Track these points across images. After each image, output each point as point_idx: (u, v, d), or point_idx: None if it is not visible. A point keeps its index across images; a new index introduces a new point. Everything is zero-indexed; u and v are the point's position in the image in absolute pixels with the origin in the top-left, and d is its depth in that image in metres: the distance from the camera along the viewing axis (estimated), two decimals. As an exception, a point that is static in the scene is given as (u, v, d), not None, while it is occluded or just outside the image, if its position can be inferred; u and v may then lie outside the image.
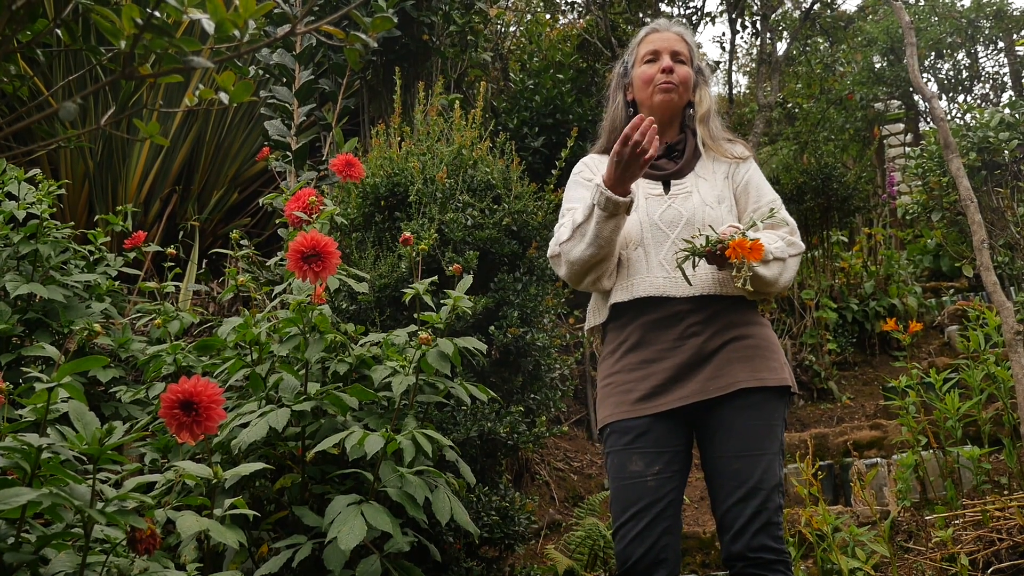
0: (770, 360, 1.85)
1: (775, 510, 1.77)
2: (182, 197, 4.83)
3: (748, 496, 1.76)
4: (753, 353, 1.84)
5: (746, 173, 1.99)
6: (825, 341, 5.38)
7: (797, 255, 1.90)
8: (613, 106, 2.09)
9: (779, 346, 1.92)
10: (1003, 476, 3.34)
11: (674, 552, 1.80)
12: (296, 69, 4.01)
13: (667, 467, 1.82)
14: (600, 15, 5.85)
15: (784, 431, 1.87)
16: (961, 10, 8.04)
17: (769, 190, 1.99)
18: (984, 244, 3.25)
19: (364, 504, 1.82)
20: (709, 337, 1.83)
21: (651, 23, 2.09)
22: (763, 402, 1.81)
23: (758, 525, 1.74)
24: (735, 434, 1.79)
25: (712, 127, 2.02)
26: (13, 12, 1.06)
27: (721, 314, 1.86)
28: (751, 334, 1.87)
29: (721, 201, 1.93)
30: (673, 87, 1.97)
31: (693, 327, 1.84)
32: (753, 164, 2.02)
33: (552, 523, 3.77)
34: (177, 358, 2.21)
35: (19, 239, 2.75)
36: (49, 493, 1.29)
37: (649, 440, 1.82)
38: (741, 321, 1.87)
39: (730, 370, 1.81)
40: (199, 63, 1.03)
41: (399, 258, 2.73)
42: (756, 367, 1.82)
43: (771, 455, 1.79)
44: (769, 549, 1.74)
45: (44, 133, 3.90)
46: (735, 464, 1.78)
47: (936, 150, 5.79)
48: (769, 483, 1.77)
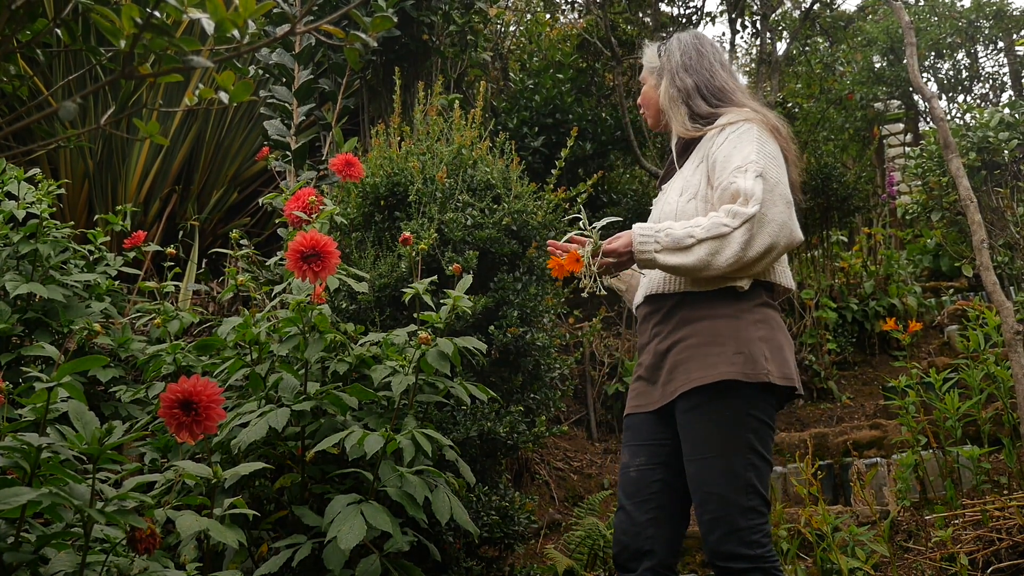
0: (710, 356, 1.73)
1: (742, 513, 1.68)
2: (182, 197, 4.83)
3: (704, 501, 1.72)
4: (694, 352, 1.75)
5: (717, 148, 1.83)
6: (825, 341, 5.38)
7: (743, 224, 1.67)
8: None
9: (735, 335, 1.74)
10: (1003, 476, 3.34)
11: (663, 544, 1.79)
12: (296, 69, 4.01)
13: (650, 459, 1.85)
14: (600, 15, 5.84)
15: (756, 426, 1.72)
16: (961, 10, 8.04)
17: (737, 156, 1.77)
18: (984, 244, 3.25)
19: (364, 504, 1.82)
20: (663, 338, 1.83)
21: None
22: (707, 402, 1.73)
23: (721, 531, 1.68)
24: (686, 439, 1.76)
25: (677, 116, 1.95)
26: (13, 12, 1.06)
27: (674, 311, 1.83)
28: (696, 331, 1.77)
29: (683, 192, 1.87)
30: (643, 114, 2.11)
31: (656, 327, 1.87)
32: (734, 131, 1.83)
33: (552, 523, 3.77)
34: (177, 358, 2.21)
35: (19, 239, 2.75)
36: (49, 493, 1.29)
37: (634, 434, 1.90)
38: (692, 317, 1.79)
39: (675, 374, 1.78)
40: (199, 63, 1.03)
41: (399, 258, 2.73)
42: (694, 367, 1.74)
43: (727, 456, 1.70)
44: (740, 556, 1.66)
45: (44, 133, 3.89)
46: (690, 469, 1.76)
47: (936, 150, 5.79)
48: (728, 486, 1.69)
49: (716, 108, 1.93)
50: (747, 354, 1.73)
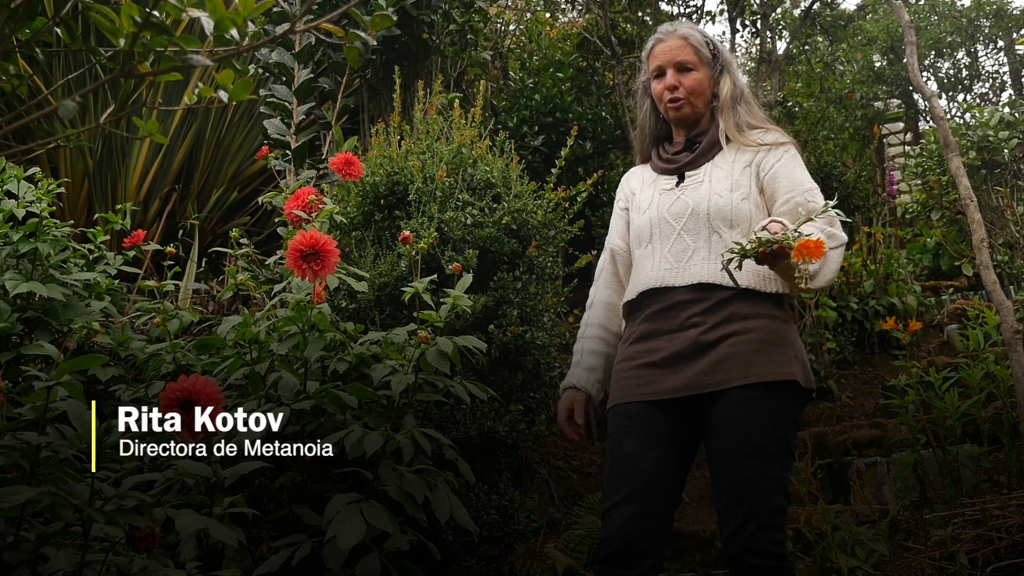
0: (772, 355, 1.76)
1: (773, 512, 1.69)
2: (182, 196, 4.83)
3: (741, 495, 1.70)
4: (754, 347, 1.75)
5: (776, 161, 1.89)
6: (824, 340, 5.38)
7: (838, 247, 1.75)
8: (642, 114, 2.10)
9: (791, 339, 1.81)
10: (1002, 475, 3.34)
11: (664, 542, 1.78)
12: (295, 67, 4.00)
13: (664, 453, 1.79)
14: (600, 13, 5.84)
15: (794, 430, 1.78)
16: (961, 9, 8.03)
17: (805, 178, 1.87)
18: (983, 243, 3.25)
19: (363, 503, 1.82)
20: (708, 328, 1.79)
21: (657, 31, 2.05)
22: (760, 399, 1.73)
23: (754, 526, 1.68)
24: (730, 432, 1.74)
25: (737, 115, 1.95)
26: (12, 10, 1.06)
27: (724, 305, 1.80)
28: (755, 327, 1.77)
29: (734, 189, 1.87)
30: (682, 102, 1.96)
31: (694, 317, 1.81)
32: (788, 151, 1.91)
33: (552, 522, 3.77)
34: (176, 357, 2.21)
35: (19, 237, 2.75)
36: (48, 491, 1.29)
37: (641, 423, 1.81)
38: (747, 313, 1.79)
39: (726, 365, 1.75)
40: (198, 61, 1.03)
41: (399, 257, 2.73)
42: (754, 362, 1.74)
43: (769, 455, 1.71)
44: (768, 554, 1.67)
45: (43, 132, 3.89)
46: (727, 461, 1.74)
47: (936, 149, 5.79)
48: (765, 483, 1.70)
49: (752, 119, 1.97)
50: (802, 360, 1.81)
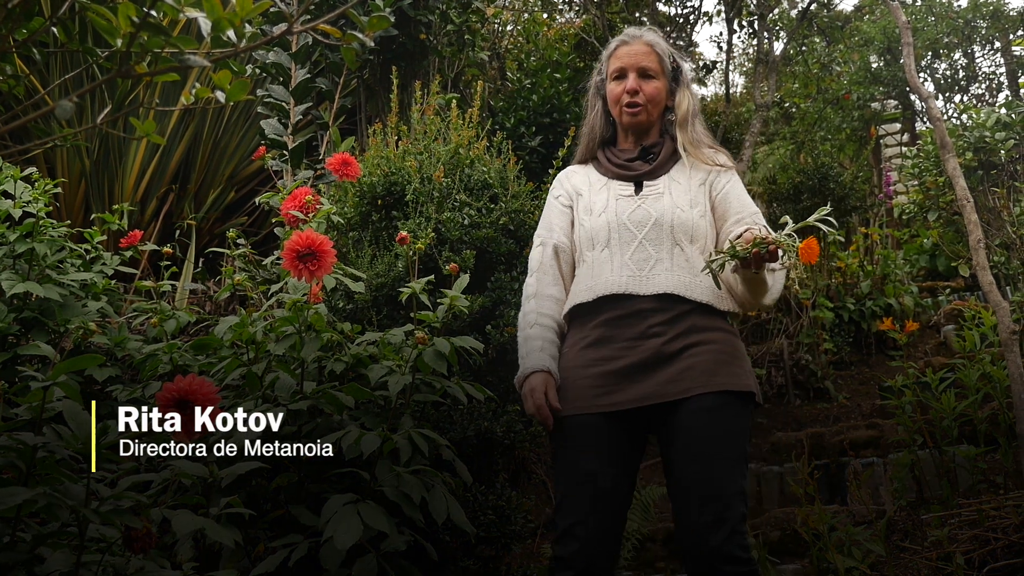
0: (732, 366, 1.81)
1: (738, 518, 1.71)
2: (179, 196, 4.82)
3: (706, 502, 1.71)
4: (715, 358, 1.80)
5: (727, 183, 1.97)
6: (821, 340, 5.38)
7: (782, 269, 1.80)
8: (592, 113, 2.09)
9: (744, 354, 1.88)
10: (999, 475, 3.35)
11: (617, 548, 1.81)
12: (293, 68, 4.00)
13: (623, 469, 1.81)
14: (597, 14, 5.85)
15: (748, 439, 1.82)
16: (958, 10, 8.05)
17: (750, 202, 1.96)
18: (980, 244, 3.26)
19: (360, 503, 1.82)
20: (671, 339, 1.81)
21: (623, 33, 2.06)
22: (722, 407, 1.76)
23: (724, 533, 1.68)
24: (694, 439, 1.75)
25: (693, 131, 2.00)
26: (9, 10, 1.06)
27: (684, 317, 1.83)
28: (715, 340, 1.82)
29: (693, 206, 1.92)
30: (639, 108, 1.98)
31: (655, 327, 1.82)
32: (735, 175, 1.99)
33: (549, 522, 3.77)
34: (173, 357, 2.20)
35: (15, 237, 2.75)
36: (44, 492, 1.29)
37: (597, 437, 1.80)
38: (706, 326, 1.84)
39: (690, 374, 1.78)
40: (195, 62, 1.03)
41: (396, 257, 2.73)
42: (716, 372, 1.78)
43: (730, 461, 1.75)
44: (737, 560, 1.68)
45: (40, 132, 3.89)
46: (691, 467, 1.75)
47: (932, 150, 5.80)
48: (729, 489, 1.72)
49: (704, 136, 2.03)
50: (753, 373, 1.88)
